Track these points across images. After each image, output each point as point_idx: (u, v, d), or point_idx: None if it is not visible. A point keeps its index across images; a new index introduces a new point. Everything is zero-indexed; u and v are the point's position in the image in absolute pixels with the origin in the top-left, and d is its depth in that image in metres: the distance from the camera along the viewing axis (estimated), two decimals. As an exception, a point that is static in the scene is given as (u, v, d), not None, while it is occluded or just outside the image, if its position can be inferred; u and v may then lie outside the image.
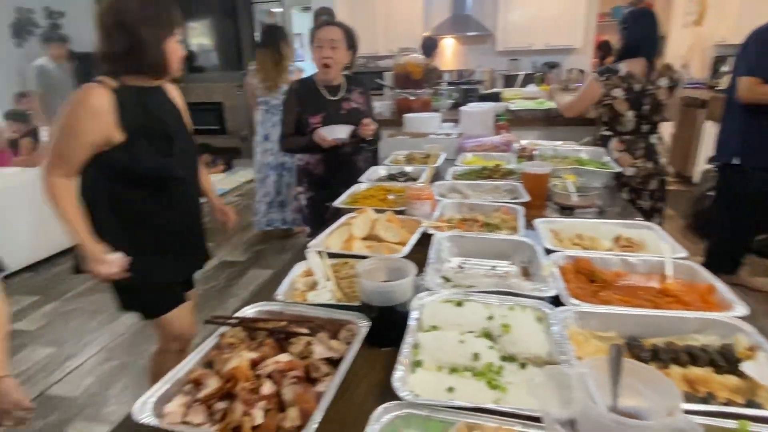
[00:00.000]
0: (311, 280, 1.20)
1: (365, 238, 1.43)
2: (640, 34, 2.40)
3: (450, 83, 4.75)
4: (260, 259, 3.84)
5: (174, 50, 1.49)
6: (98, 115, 1.39)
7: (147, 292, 1.61)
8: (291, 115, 2.27)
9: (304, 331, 0.88)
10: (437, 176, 2.08)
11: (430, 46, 4.87)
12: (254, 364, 0.78)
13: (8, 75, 6.40)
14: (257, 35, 6.98)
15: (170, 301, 1.67)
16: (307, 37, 2.29)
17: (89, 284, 3.45)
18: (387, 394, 0.77)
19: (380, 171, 2.21)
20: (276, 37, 3.55)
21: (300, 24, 7.01)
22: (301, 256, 1.30)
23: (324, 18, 3.88)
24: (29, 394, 1.09)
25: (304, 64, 5.00)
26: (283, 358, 0.79)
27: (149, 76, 1.50)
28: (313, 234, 2.39)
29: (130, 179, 1.49)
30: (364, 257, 1.26)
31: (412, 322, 0.91)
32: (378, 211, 1.54)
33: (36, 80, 4.71)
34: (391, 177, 2.13)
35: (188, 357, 0.84)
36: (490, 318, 0.91)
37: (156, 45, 1.44)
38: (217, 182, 6.09)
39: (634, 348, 0.87)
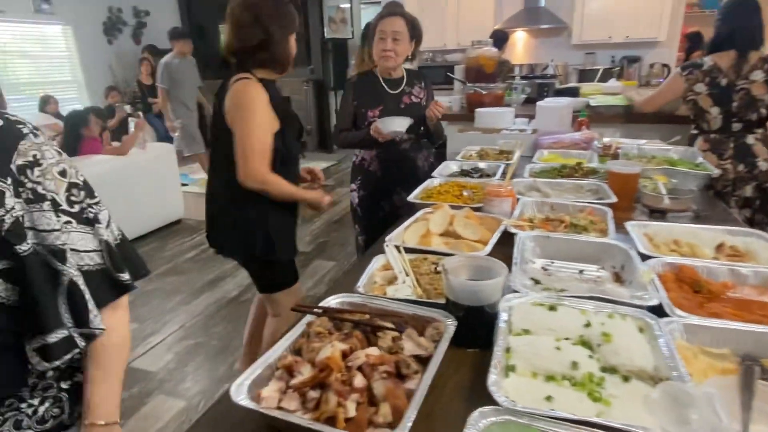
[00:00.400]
0: (390, 275, 1.19)
1: (442, 234, 1.40)
2: (735, 24, 2.19)
3: (523, 77, 4.58)
4: (324, 250, 3.92)
5: (293, 47, 1.61)
6: (267, 106, 1.54)
7: (289, 263, 1.83)
8: (348, 108, 2.19)
9: (390, 325, 0.87)
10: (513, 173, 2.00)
11: (500, 39, 4.73)
12: (344, 355, 0.77)
13: (104, 71, 6.95)
14: (327, 31, 7.10)
15: (296, 268, 1.88)
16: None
17: (167, 267, 3.67)
18: (476, 396, 0.75)
19: (452, 166, 2.15)
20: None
21: (368, 19, 7.06)
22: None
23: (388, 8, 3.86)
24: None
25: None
26: (374, 351, 0.78)
27: (273, 70, 1.61)
28: (363, 234, 2.39)
29: (272, 162, 1.61)
30: (443, 254, 1.24)
31: (501, 324, 0.88)
32: (454, 207, 1.51)
33: (162, 76, 5.08)
34: (464, 173, 2.07)
35: (278, 343, 0.85)
36: (588, 325, 0.85)
37: (283, 41, 1.55)
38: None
39: (753, 368, 0.78)
